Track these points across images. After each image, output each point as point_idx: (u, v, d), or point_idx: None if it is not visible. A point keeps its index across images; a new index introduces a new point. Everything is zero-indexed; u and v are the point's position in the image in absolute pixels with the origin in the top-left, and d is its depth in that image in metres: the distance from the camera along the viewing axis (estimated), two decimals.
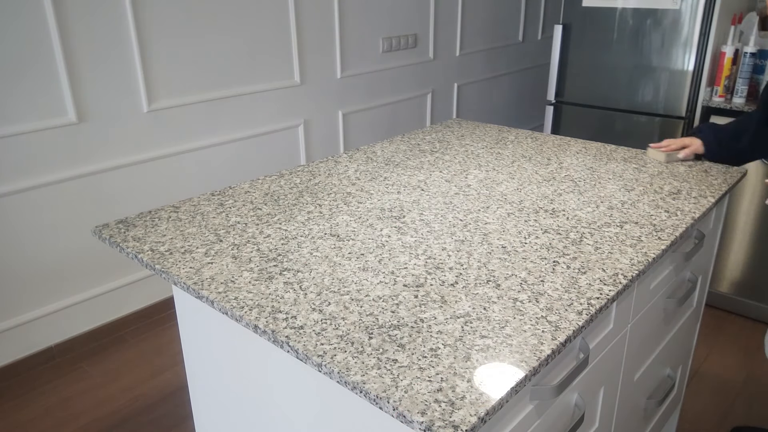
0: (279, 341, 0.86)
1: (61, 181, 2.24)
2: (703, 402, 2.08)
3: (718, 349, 2.37)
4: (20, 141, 2.10)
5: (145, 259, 1.11)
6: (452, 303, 0.94)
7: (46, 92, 2.13)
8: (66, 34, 2.12)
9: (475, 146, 1.81)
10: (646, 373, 1.39)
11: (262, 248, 1.14)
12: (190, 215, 1.31)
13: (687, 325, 1.62)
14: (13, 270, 2.20)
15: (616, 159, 1.67)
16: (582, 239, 1.16)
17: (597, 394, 1.14)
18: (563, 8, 2.75)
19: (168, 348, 2.43)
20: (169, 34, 2.40)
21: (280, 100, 2.87)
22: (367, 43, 3.22)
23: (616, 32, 2.63)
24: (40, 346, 2.33)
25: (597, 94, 2.77)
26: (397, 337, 0.85)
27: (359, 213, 1.30)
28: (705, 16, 2.39)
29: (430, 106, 3.75)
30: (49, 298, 2.31)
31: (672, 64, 2.51)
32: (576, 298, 0.95)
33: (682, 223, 1.24)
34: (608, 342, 1.10)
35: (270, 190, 1.45)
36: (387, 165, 1.63)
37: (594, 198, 1.38)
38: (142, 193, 2.48)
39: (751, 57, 2.33)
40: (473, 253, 1.11)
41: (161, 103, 2.44)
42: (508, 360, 0.81)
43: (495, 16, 4.03)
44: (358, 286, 1.00)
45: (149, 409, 2.08)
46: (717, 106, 2.44)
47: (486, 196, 1.39)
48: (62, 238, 2.29)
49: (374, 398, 0.74)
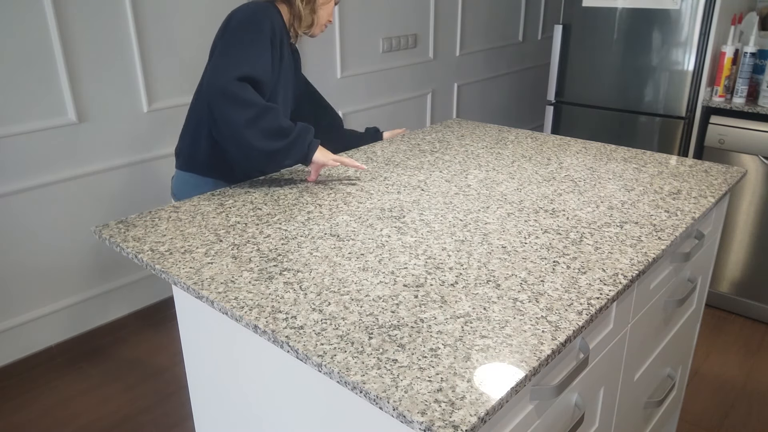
0: (279, 341, 0.86)
1: (61, 181, 2.24)
2: (703, 402, 2.08)
3: (718, 349, 2.37)
4: (20, 141, 2.10)
5: (145, 259, 1.11)
6: (452, 303, 0.94)
7: (46, 92, 2.13)
8: (66, 34, 2.12)
9: (475, 146, 1.81)
10: (646, 373, 1.39)
11: (262, 248, 1.14)
12: (190, 215, 1.31)
13: (687, 325, 1.62)
14: (13, 270, 2.20)
15: (616, 159, 1.67)
16: (582, 239, 1.16)
17: (597, 394, 1.14)
18: (563, 8, 2.75)
19: (168, 348, 2.43)
20: (169, 34, 2.40)
21: None
22: (367, 43, 3.22)
23: (616, 32, 2.63)
24: (40, 346, 2.33)
25: (597, 94, 2.77)
26: (397, 337, 0.85)
27: (359, 213, 1.30)
28: (705, 16, 2.39)
29: (430, 106, 3.75)
30: (49, 298, 2.31)
31: (672, 64, 2.51)
32: (576, 298, 0.95)
33: (682, 223, 1.24)
34: (608, 342, 1.10)
35: (270, 190, 1.45)
36: (387, 165, 1.63)
37: (594, 198, 1.38)
38: (142, 193, 2.48)
39: (751, 57, 2.34)
40: (473, 253, 1.11)
41: (161, 103, 2.44)
42: (508, 360, 0.81)
43: (495, 16, 4.03)
44: (358, 286, 1.00)
45: (149, 409, 2.08)
46: (717, 106, 2.44)
47: (486, 196, 1.39)
48: (62, 238, 2.29)
49: (374, 398, 0.74)
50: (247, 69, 1.39)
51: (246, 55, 1.41)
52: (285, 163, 1.44)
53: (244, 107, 1.36)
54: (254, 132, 1.38)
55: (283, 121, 1.41)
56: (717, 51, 2.48)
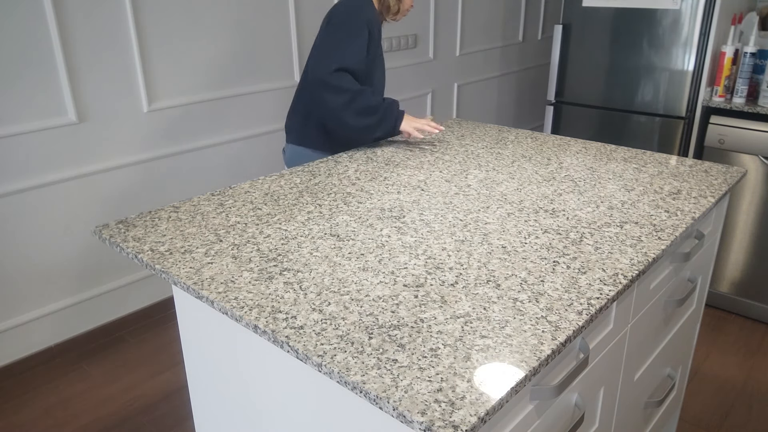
0: (279, 341, 0.86)
1: (61, 181, 2.24)
2: (703, 402, 2.08)
3: (718, 349, 2.37)
4: (20, 141, 2.10)
5: (145, 259, 1.11)
6: (452, 303, 0.94)
7: (46, 92, 2.13)
8: (66, 34, 2.12)
9: (475, 146, 1.81)
10: (646, 373, 1.39)
11: (262, 248, 1.14)
12: (190, 215, 1.31)
13: (687, 325, 1.62)
14: (14, 270, 2.20)
15: (616, 159, 1.67)
16: (582, 239, 1.16)
17: (597, 394, 1.14)
18: (563, 8, 2.75)
19: (168, 348, 2.43)
20: (169, 34, 2.40)
21: (280, 100, 2.87)
22: None
23: (616, 32, 2.63)
24: (40, 346, 2.33)
25: (597, 94, 2.77)
26: (397, 337, 0.85)
27: (359, 213, 1.30)
28: (705, 16, 2.39)
29: (430, 106, 3.75)
30: (49, 298, 2.31)
31: (672, 64, 2.51)
32: (576, 298, 0.95)
33: (682, 223, 1.24)
34: (608, 342, 1.10)
35: (270, 190, 1.45)
36: (387, 165, 1.63)
37: (594, 198, 1.38)
38: (142, 193, 2.48)
39: (751, 57, 2.33)
40: (473, 253, 1.11)
41: (161, 103, 2.44)
42: (508, 360, 0.81)
43: (495, 16, 4.03)
44: (358, 286, 1.00)
45: (149, 409, 2.08)
46: (717, 106, 2.44)
47: (486, 196, 1.39)
48: (62, 238, 2.29)
49: (374, 398, 0.74)
50: (342, 61, 1.69)
51: (342, 48, 1.70)
52: (377, 135, 1.78)
53: (339, 94, 1.69)
54: (349, 113, 1.71)
55: (372, 101, 1.72)
56: (717, 51, 2.48)
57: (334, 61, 1.68)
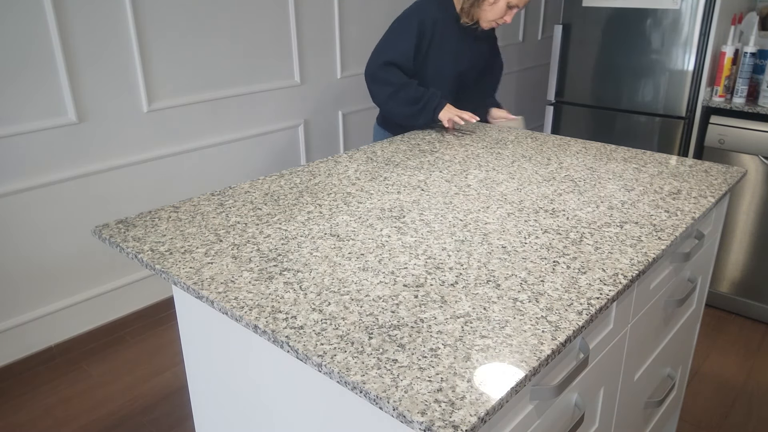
0: (279, 341, 0.86)
1: (61, 181, 2.24)
2: (703, 402, 2.08)
3: (718, 349, 2.37)
4: (20, 141, 2.10)
5: (145, 259, 1.11)
6: (452, 303, 0.94)
7: (46, 92, 2.13)
8: (66, 34, 2.12)
9: (475, 146, 1.81)
10: (646, 373, 1.39)
11: (262, 248, 1.14)
12: (190, 215, 1.31)
13: (687, 325, 1.62)
14: (13, 270, 2.20)
15: (616, 159, 1.67)
16: (582, 239, 1.16)
17: (597, 394, 1.14)
18: (563, 8, 2.75)
19: (168, 348, 2.43)
20: (169, 34, 2.40)
21: (280, 100, 2.87)
22: (367, 43, 3.22)
23: (616, 32, 2.63)
24: (39, 346, 2.33)
25: (597, 94, 2.77)
26: (397, 337, 0.85)
27: (359, 213, 1.30)
28: (705, 16, 2.39)
29: None
30: (49, 298, 2.31)
31: (672, 64, 2.51)
32: (576, 298, 0.95)
33: (682, 223, 1.24)
34: (608, 342, 1.10)
35: (270, 190, 1.45)
36: (387, 165, 1.63)
37: (594, 198, 1.38)
38: (142, 193, 2.48)
39: (751, 57, 2.34)
40: (473, 253, 1.11)
41: (161, 103, 2.44)
42: (508, 360, 0.81)
43: None
44: (358, 286, 1.00)
45: (149, 409, 2.08)
46: (717, 106, 2.44)
47: (486, 196, 1.39)
48: (62, 238, 2.29)
49: (374, 398, 0.74)
50: (389, 56, 1.91)
51: (390, 45, 1.94)
52: (419, 121, 1.95)
53: (385, 85, 1.92)
54: (394, 102, 1.93)
55: (415, 92, 1.91)
56: (717, 51, 2.48)
57: (382, 55, 1.92)
